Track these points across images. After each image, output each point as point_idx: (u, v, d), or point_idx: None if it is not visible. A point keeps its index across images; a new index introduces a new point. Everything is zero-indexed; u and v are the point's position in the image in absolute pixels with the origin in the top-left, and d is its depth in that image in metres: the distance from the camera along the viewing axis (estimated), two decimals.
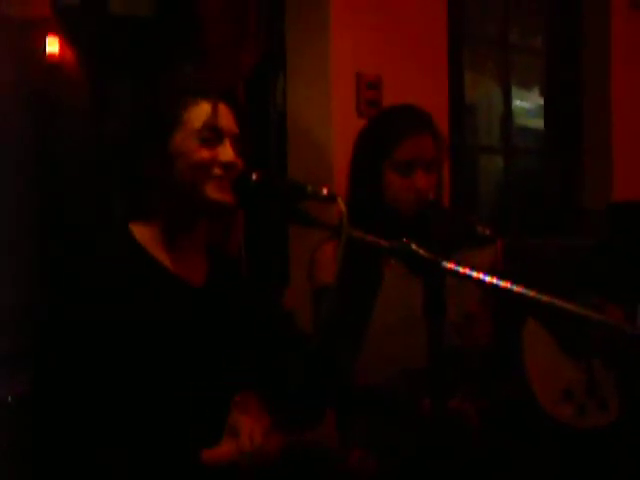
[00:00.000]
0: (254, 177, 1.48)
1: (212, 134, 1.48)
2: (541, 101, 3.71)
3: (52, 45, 2.54)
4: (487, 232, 1.69)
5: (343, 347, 1.75)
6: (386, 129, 1.86)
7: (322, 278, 1.80)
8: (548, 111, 3.62)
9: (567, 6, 3.55)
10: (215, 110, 1.49)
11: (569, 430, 2.18)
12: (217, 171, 1.48)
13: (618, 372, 1.95)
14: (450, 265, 1.19)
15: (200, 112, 1.49)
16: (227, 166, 1.48)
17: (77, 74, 2.51)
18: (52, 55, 2.53)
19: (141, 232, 1.51)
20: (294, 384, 1.59)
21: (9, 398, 1.93)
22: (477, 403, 1.87)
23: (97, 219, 2.31)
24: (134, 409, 1.42)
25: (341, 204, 1.34)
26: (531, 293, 1.19)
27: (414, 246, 1.19)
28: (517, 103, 3.85)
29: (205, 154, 1.48)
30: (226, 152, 1.48)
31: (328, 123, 2.58)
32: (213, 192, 1.47)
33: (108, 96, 2.46)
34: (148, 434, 1.42)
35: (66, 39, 2.50)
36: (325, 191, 1.39)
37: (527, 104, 3.96)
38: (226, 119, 1.51)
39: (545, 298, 1.18)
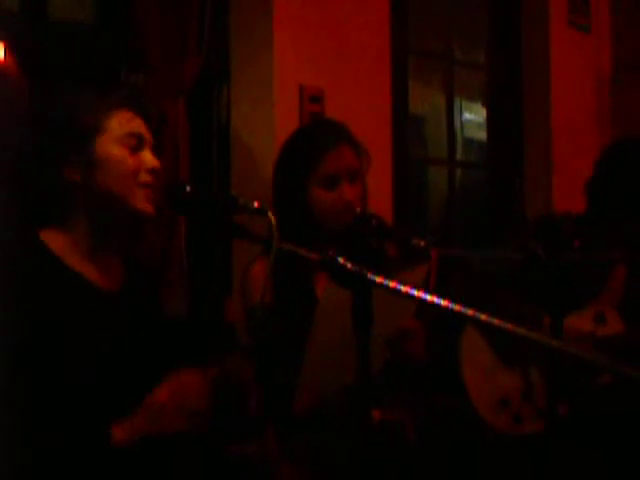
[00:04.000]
0: (188, 189, 1.49)
1: (135, 140, 1.50)
2: (484, 114, 3.78)
3: None
4: (422, 244, 1.72)
5: (281, 363, 1.76)
6: (306, 147, 1.89)
7: (253, 296, 1.81)
8: (491, 124, 3.70)
9: (508, 21, 3.64)
10: (134, 119, 1.51)
11: (506, 438, 2.22)
12: (144, 177, 1.50)
13: (550, 379, 1.99)
14: (378, 278, 1.21)
15: (122, 119, 1.50)
16: (153, 172, 1.50)
17: (19, 80, 2.48)
18: None
19: (53, 239, 1.50)
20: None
21: None
22: (414, 415, 1.89)
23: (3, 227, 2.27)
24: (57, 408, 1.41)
25: (271, 217, 1.36)
26: (460, 307, 1.21)
27: (340, 259, 1.20)
28: (462, 116, 3.92)
29: (132, 161, 1.49)
30: (150, 158, 1.51)
31: (271, 136, 2.58)
32: (139, 202, 1.49)
33: (45, 104, 2.43)
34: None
35: (6, 45, 2.46)
36: (256, 204, 1.40)
37: (471, 117, 4.04)
38: (144, 129, 1.54)
39: (474, 312, 1.20)
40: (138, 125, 1.52)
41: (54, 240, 1.50)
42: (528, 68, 3.62)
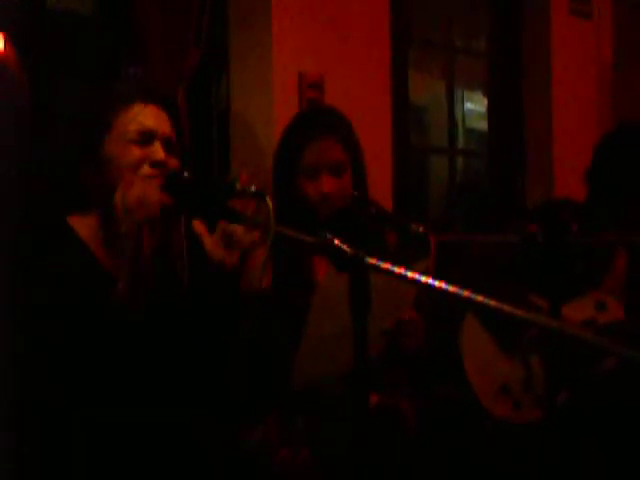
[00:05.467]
0: (185, 174, 1.48)
1: (142, 136, 1.49)
2: (485, 103, 3.77)
3: None
4: (420, 230, 1.71)
5: (279, 348, 1.76)
6: (293, 136, 1.90)
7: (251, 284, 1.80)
8: (491, 113, 3.68)
9: (509, 10, 3.62)
10: (144, 113, 1.49)
11: (505, 425, 2.22)
12: (146, 170, 1.48)
13: (550, 368, 1.99)
14: (374, 261, 1.20)
15: (130, 116, 1.49)
16: (156, 164, 1.48)
17: (19, 72, 2.47)
18: None
19: (79, 225, 1.52)
20: (234, 381, 1.59)
21: None
22: (416, 402, 1.89)
23: (33, 215, 2.28)
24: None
25: (269, 202, 1.35)
26: (460, 291, 1.21)
27: (337, 241, 1.20)
28: (463, 105, 3.90)
29: (135, 153, 1.48)
30: (156, 151, 1.49)
31: (271, 123, 2.58)
32: None
33: (45, 95, 2.43)
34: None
35: (6, 36, 2.45)
36: (253, 188, 1.40)
37: (472, 106, 4.02)
38: (158, 121, 1.52)
39: (475, 296, 1.20)
40: (149, 117, 1.50)
41: (80, 226, 1.52)
42: (529, 56, 3.60)
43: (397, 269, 1.20)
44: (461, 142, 3.91)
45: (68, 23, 2.46)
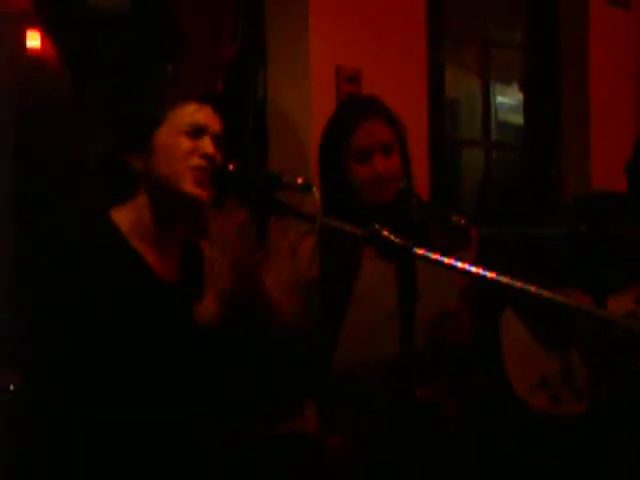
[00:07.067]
0: (231, 168, 1.50)
1: (194, 129, 1.52)
2: (521, 96, 3.74)
3: (33, 39, 2.54)
4: (462, 221, 1.71)
5: (322, 338, 1.77)
6: (341, 121, 1.89)
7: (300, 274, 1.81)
8: (528, 106, 3.66)
9: (546, 1, 3.59)
10: (199, 111, 1.53)
11: (543, 417, 2.21)
12: (196, 161, 1.51)
13: (592, 363, 1.98)
14: (421, 251, 1.21)
15: (185, 112, 1.53)
16: (207, 157, 1.51)
17: (58, 68, 2.51)
18: (33, 49, 2.53)
19: (124, 218, 1.54)
20: (272, 375, 1.61)
21: (11, 386, 1.94)
22: (455, 393, 1.90)
23: (78, 209, 2.32)
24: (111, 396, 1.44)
25: (315, 194, 1.36)
26: (506, 280, 1.21)
27: (385, 232, 1.20)
28: (497, 98, 3.88)
29: (186, 144, 1.51)
30: (207, 144, 1.52)
31: (308, 116, 2.59)
32: (188, 184, 1.50)
33: (86, 90, 2.46)
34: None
35: (46, 33, 2.49)
36: (300, 180, 1.41)
37: (508, 99, 3.99)
38: (210, 119, 1.55)
39: (521, 285, 1.20)
40: (203, 116, 1.53)
41: (124, 220, 1.54)
42: (566, 48, 3.57)
43: (446, 259, 1.20)
44: (495, 136, 3.89)
45: (106, 20, 2.50)
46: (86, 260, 1.46)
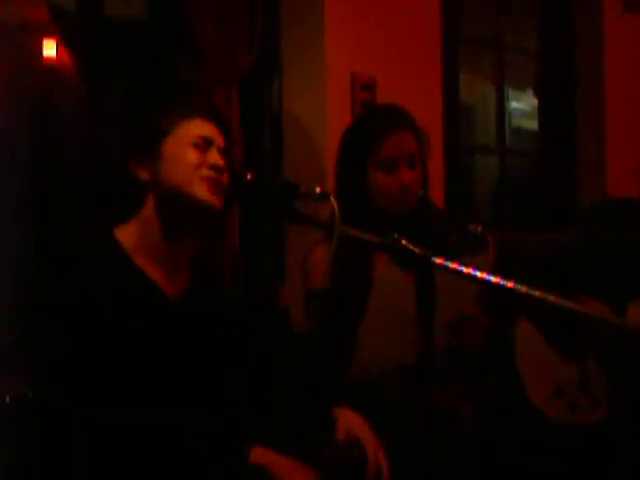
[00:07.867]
0: (248, 177, 1.51)
1: (203, 141, 1.54)
2: (535, 102, 3.73)
3: (49, 49, 2.56)
4: (479, 229, 1.71)
5: (337, 345, 1.78)
6: (367, 130, 1.89)
7: (314, 282, 1.82)
8: (542, 112, 3.65)
9: (560, 7, 3.58)
10: (204, 125, 1.55)
11: (559, 425, 2.21)
12: (205, 172, 1.52)
13: (610, 371, 1.97)
14: (440, 260, 1.21)
15: (192, 125, 1.55)
16: (215, 168, 1.52)
17: (74, 77, 2.53)
18: (49, 59, 2.54)
19: (127, 236, 1.54)
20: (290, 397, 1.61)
21: (7, 398, 1.95)
22: (471, 399, 1.90)
23: (82, 223, 2.32)
24: (118, 413, 1.44)
25: (334, 202, 1.37)
26: (523, 289, 1.21)
27: (404, 242, 1.21)
28: (512, 104, 3.87)
29: (195, 155, 1.52)
30: (215, 156, 1.53)
31: (323, 124, 2.60)
32: (201, 192, 1.51)
33: (101, 100, 2.48)
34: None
35: (62, 42, 2.51)
36: (318, 190, 1.41)
37: (521, 105, 3.99)
38: (215, 133, 1.57)
39: (538, 293, 1.20)
40: (209, 130, 1.55)
41: (128, 238, 1.53)
42: (581, 53, 3.56)
43: (464, 269, 1.20)
44: (509, 141, 3.88)
45: (122, 30, 2.51)
46: (89, 280, 1.46)
